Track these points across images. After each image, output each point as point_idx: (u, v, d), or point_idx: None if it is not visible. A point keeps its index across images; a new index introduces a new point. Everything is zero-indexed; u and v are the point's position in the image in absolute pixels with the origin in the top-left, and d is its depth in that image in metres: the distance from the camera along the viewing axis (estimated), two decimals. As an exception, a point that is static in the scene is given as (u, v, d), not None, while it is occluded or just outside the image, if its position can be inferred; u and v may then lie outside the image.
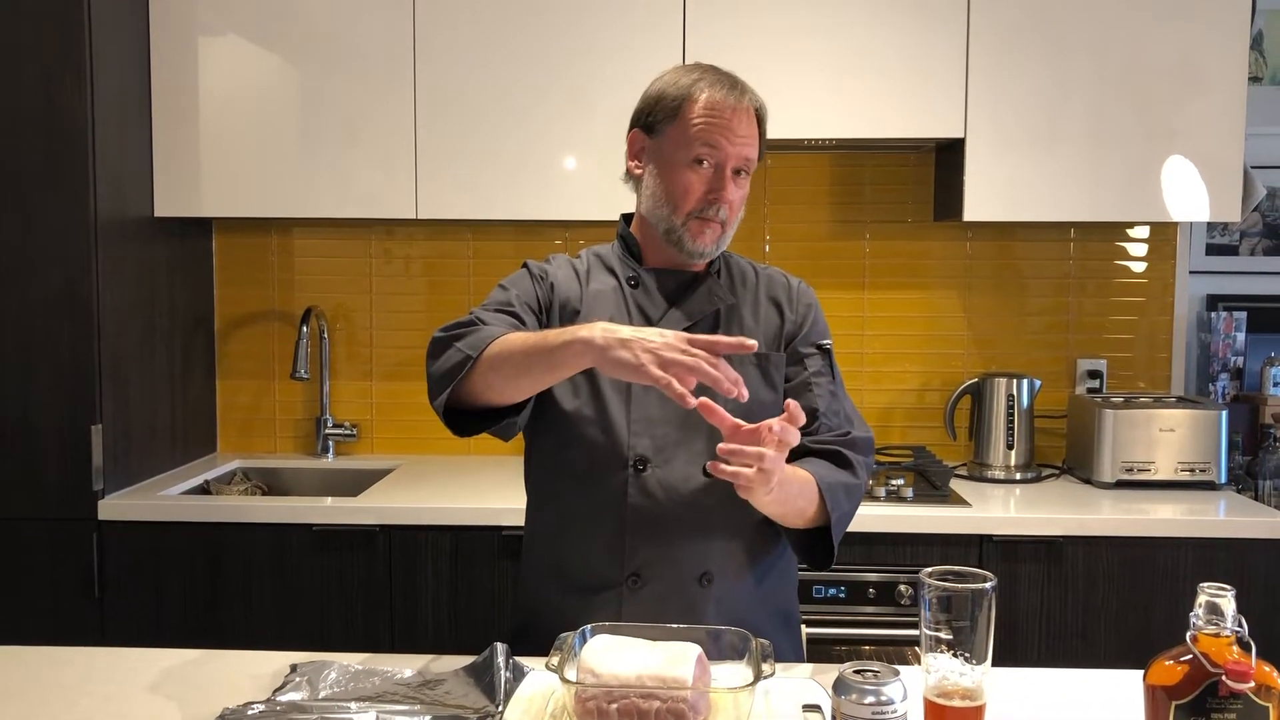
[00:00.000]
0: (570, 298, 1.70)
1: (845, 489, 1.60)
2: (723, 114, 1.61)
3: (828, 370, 1.72)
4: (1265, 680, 1.09)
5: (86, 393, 2.54)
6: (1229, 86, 2.68)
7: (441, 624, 2.56)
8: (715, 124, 1.60)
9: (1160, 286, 3.10)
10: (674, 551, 1.62)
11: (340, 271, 3.18)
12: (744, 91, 1.64)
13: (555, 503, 1.70)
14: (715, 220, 1.63)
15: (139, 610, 2.56)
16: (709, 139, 1.61)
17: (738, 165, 1.62)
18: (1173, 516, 2.55)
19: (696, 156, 1.61)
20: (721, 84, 1.63)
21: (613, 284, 1.71)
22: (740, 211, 1.68)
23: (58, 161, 2.50)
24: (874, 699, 1.10)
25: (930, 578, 1.18)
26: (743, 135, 1.62)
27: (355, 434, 3.15)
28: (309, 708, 1.39)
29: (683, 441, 1.62)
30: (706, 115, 1.61)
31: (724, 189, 1.62)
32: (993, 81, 2.69)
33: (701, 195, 1.62)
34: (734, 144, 1.61)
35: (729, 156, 1.61)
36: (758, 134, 1.65)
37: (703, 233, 1.63)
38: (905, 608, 2.47)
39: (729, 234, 1.67)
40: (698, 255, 1.66)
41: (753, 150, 1.64)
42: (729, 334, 1.67)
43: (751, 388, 1.60)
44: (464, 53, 2.75)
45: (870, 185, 3.10)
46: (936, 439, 3.07)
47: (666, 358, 1.34)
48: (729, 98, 1.61)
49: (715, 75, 1.65)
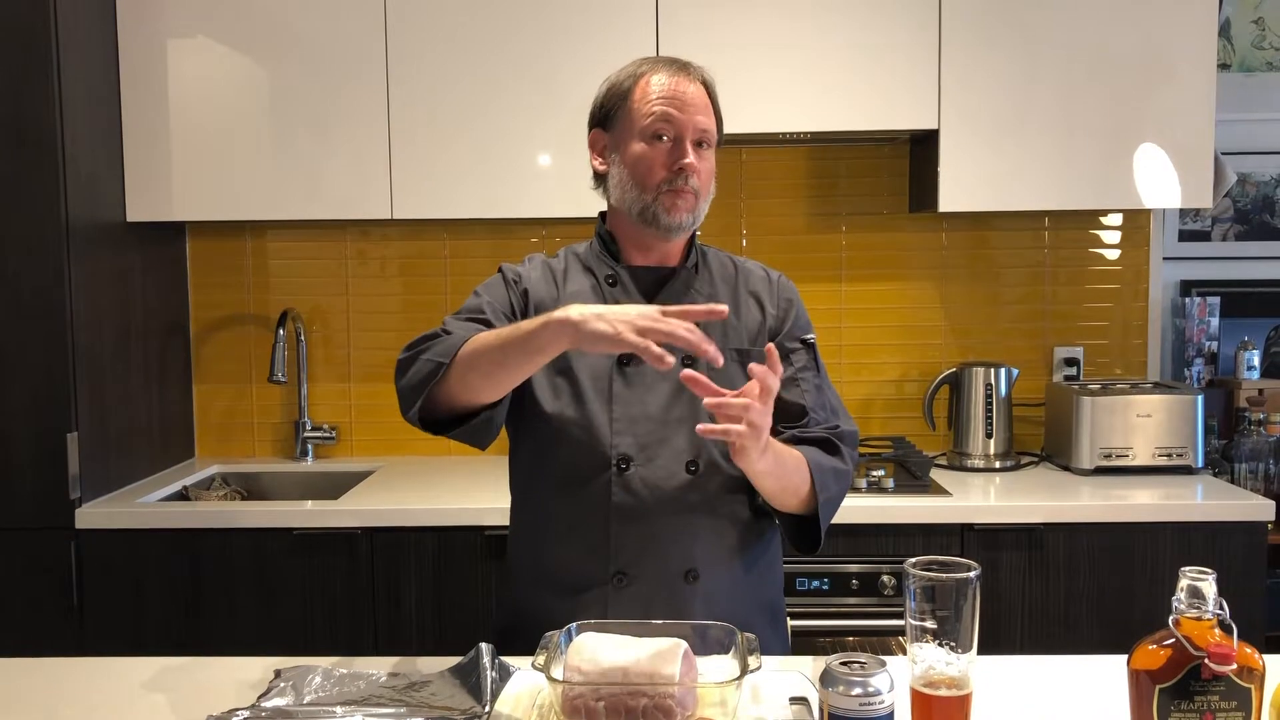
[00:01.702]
0: (545, 300, 1.69)
1: (835, 473, 1.63)
2: (672, 88, 1.64)
3: (813, 365, 1.73)
4: (1247, 662, 1.10)
5: (61, 400, 2.51)
6: (1198, 74, 2.70)
7: (426, 625, 2.55)
8: (666, 98, 1.63)
9: (1134, 273, 3.12)
10: (659, 549, 1.62)
11: (315, 273, 3.16)
12: (691, 69, 1.67)
13: (539, 503, 1.70)
14: (686, 190, 1.63)
15: (119, 619, 2.54)
16: (662, 114, 1.63)
17: (696, 136, 1.64)
18: (1151, 501, 2.56)
19: (654, 132, 1.63)
20: (667, 64, 1.67)
21: (590, 283, 1.71)
22: (710, 184, 1.68)
23: (27, 168, 2.48)
24: (861, 690, 1.10)
25: (915, 568, 1.18)
26: (695, 105, 1.64)
27: (334, 437, 3.13)
28: (294, 713, 1.38)
29: (665, 439, 1.62)
30: (656, 92, 1.64)
31: (685, 154, 1.62)
32: (965, 73, 2.70)
33: (665, 167, 1.63)
34: (687, 113, 1.63)
35: (685, 127, 1.63)
36: (711, 105, 1.67)
37: (675, 204, 1.63)
38: (888, 598, 2.48)
39: (703, 206, 1.67)
40: (675, 228, 1.65)
41: (708, 120, 1.65)
42: (709, 330, 1.66)
43: (733, 383, 1.61)
44: (436, 52, 2.73)
45: (845, 178, 3.11)
46: (916, 429, 3.08)
47: (642, 325, 1.35)
48: (675, 74, 1.65)
49: (661, 59, 1.69)
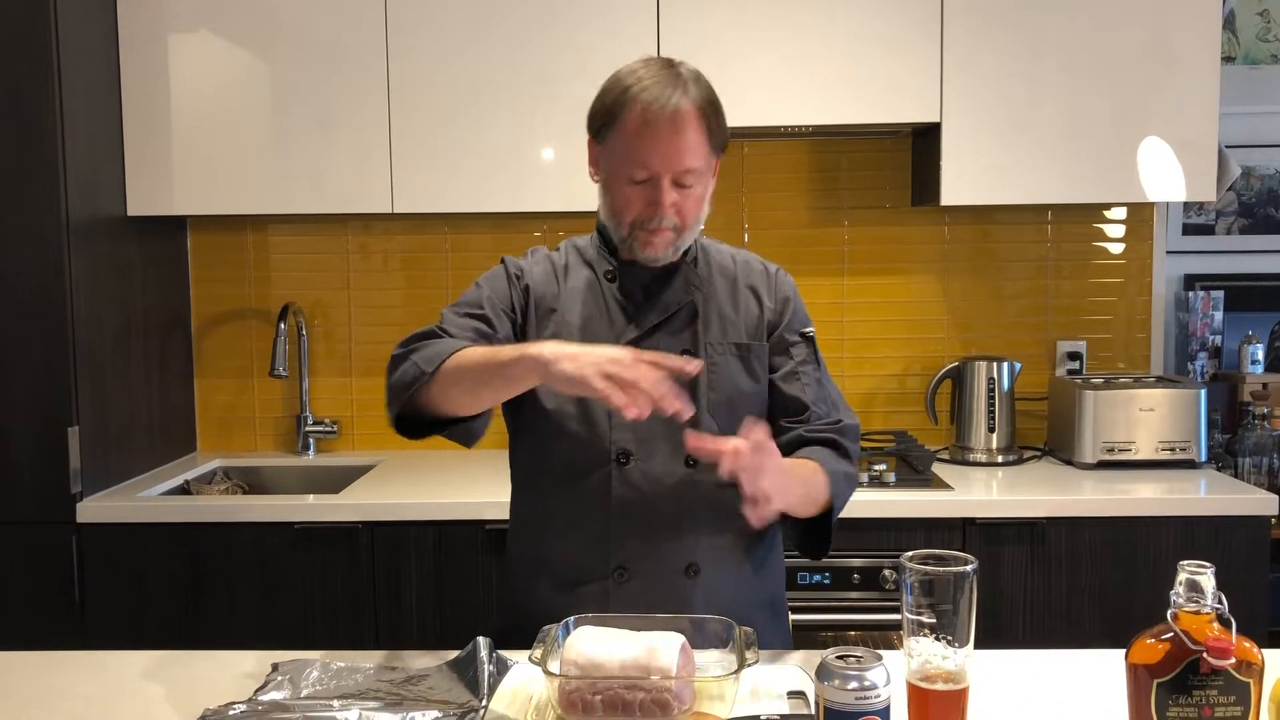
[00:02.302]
0: (546, 295, 1.69)
1: (846, 478, 1.64)
2: (655, 126, 1.54)
3: (812, 358, 1.72)
4: (1246, 656, 1.10)
5: (62, 394, 2.51)
6: (1202, 67, 2.69)
7: (426, 619, 2.55)
8: (647, 138, 1.55)
9: (1138, 267, 3.11)
10: (659, 544, 1.61)
11: (317, 268, 3.15)
12: (683, 91, 1.56)
13: (540, 498, 1.70)
14: (662, 229, 1.60)
15: (120, 613, 2.54)
16: (641, 157, 1.56)
17: (675, 177, 1.57)
18: (1154, 496, 2.56)
19: (630, 175, 1.58)
20: (657, 87, 1.56)
21: (590, 277, 1.70)
22: (699, 211, 1.63)
23: (27, 163, 2.47)
24: (857, 684, 1.10)
25: (911, 561, 1.18)
26: (677, 146, 1.55)
27: (336, 431, 3.13)
28: (291, 706, 1.38)
29: (665, 434, 1.60)
30: (638, 129, 1.55)
31: (661, 202, 1.57)
32: (968, 66, 2.69)
33: (640, 209, 1.59)
34: (666, 158, 1.55)
35: (663, 171, 1.56)
36: (702, 133, 1.57)
37: (651, 242, 1.61)
38: (890, 592, 2.47)
39: (689, 235, 1.64)
40: (653, 262, 1.64)
41: (692, 158, 1.57)
42: (707, 325, 1.68)
43: (732, 378, 1.64)
44: (437, 45, 2.73)
45: (847, 171, 3.10)
46: (918, 423, 3.07)
47: (609, 370, 1.35)
48: (662, 105, 1.54)
49: (652, 78, 1.57)
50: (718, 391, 1.64)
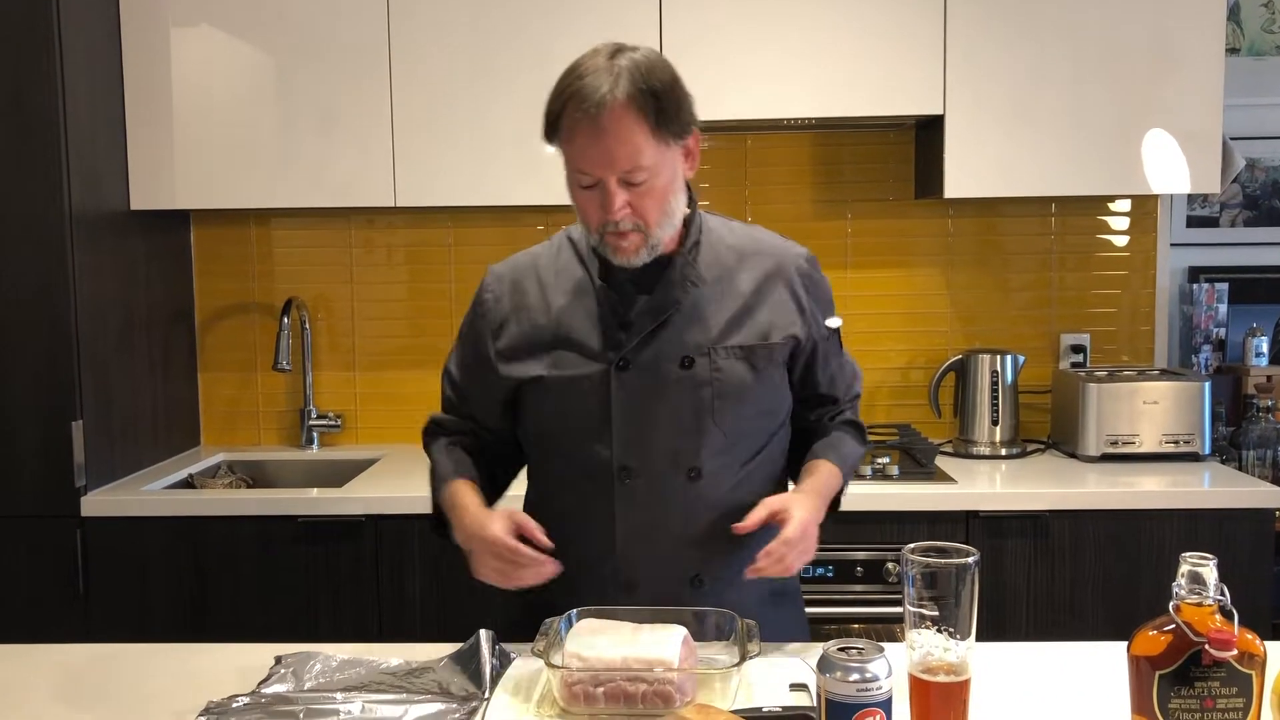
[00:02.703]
0: (521, 307, 1.64)
1: (858, 459, 1.74)
2: (587, 128, 1.47)
3: (838, 348, 1.74)
4: (1248, 648, 1.10)
5: (66, 389, 2.52)
6: (1207, 58, 2.68)
7: (430, 613, 2.55)
8: (580, 141, 1.48)
9: (1142, 259, 3.10)
10: (664, 558, 1.59)
11: (320, 261, 3.16)
12: (613, 84, 1.46)
13: (549, 507, 1.66)
14: (626, 232, 1.52)
15: (125, 606, 2.55)
16: (579, 161, 1.50)
17: (621, 177, 1.49)
18: (1157, 488, 2.55)
19: (578, 181, 1.52)
20: (589, 83, 1.47)
21: (582, 277, 1.62)
22: (663, 206, 1.52)
23: (29, 157, 2.47)
24: (859, 676, 1.10)
25: (913, 553, 1.18)
26: (609, 147, 1.47)
27: (339, 424, 3.13)
28: (294, 699, 1.38)
29: (665, 446, 1.57)
30: (572, 132, 1.49)
31: (609, 205, 1.49)
32: (971, 57, 2.68)
33: (596, 214, 1.52)
34: (601, 160, 1.48)
35: (604, 174, 1.49)
36: (640, 126, 1.47)
37: (620, 246, 1.53)
38: (893, 585, 2.47)
39: (659, 231, 1.53)
40: (629, 265, 1.55)
41: (630, 155, 1.47)
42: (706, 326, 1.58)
43: (737, 378, 1.59)
44: (439, 39, 2.72)
45: (850, 164, 3.09)
46: (921, 417, 3.07)
47: (485, 574, 1.55)
48: (591, 107, 1.46)
49: (590, 72, 1.48)
50: (722, 398, 1.57)
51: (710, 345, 1.58)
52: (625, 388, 1.56)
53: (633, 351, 1.57)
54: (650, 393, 1.57)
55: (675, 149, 1.53)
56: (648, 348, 1.57)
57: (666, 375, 1.56)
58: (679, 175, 1.56)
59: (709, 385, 1.56)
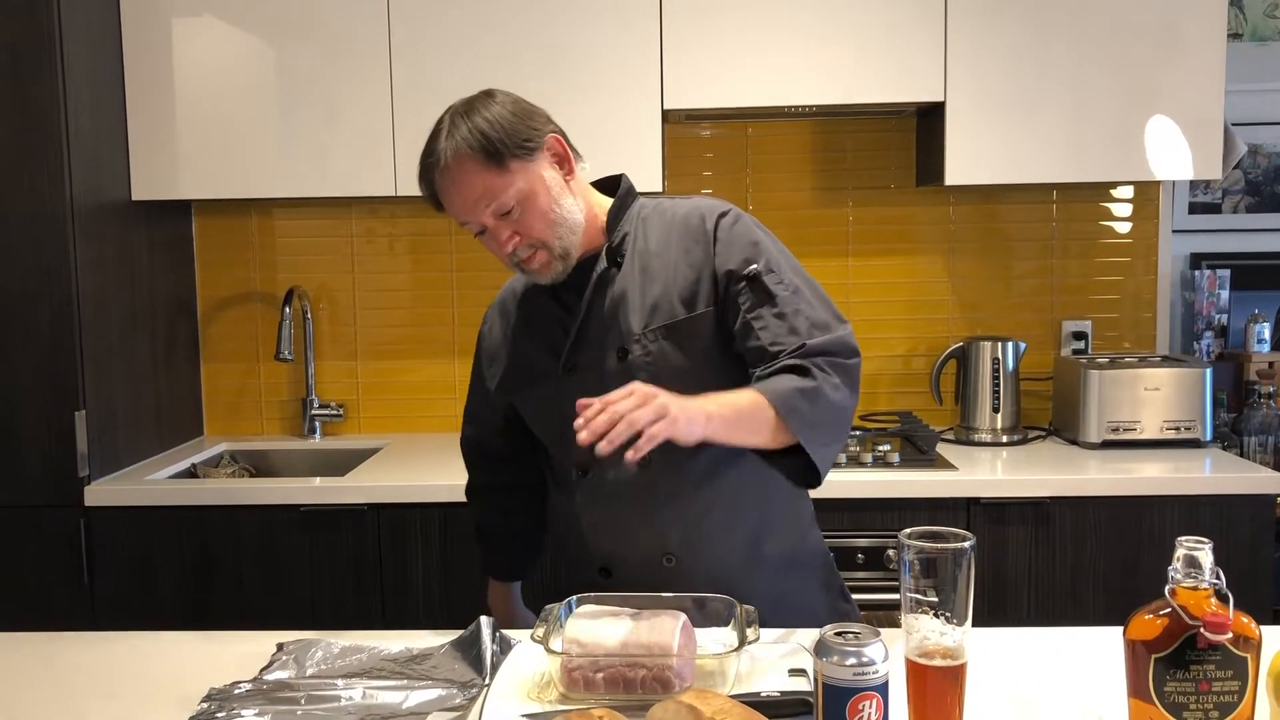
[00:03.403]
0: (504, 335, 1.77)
1: (800, 394, 1.49)
2: (445, 192, 1.58)
3: (764, 297, 1.59)
4: (1243, 631, 1.10)
5: (69, 379, 2.52)
6: (1209, 44, 2.67)
7: (432, 601, 2.56)
8: (448, 199, 1.59)
9: (1144, 246, 3.10)
10: (632, 542, 1.66)
11: (322, 251, 3.16)
12: (452, 138, 1.56)
13: (551, 501, 1.82)
14: (528, 257, 1.60)
15: (129, 595, 2.56)
16: (458, 218, 1.60)
17: (492, 213, 1.57)
18: (1159, 475, 2.55)
19: (470, 232, 1.62)
20: (434, 148, 1.57)
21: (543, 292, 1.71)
22: (549, 217, 1.58)
23: (31, 148, 2.48)
24: (855, 660, 1.10)
25: (909, 539, 1.18)
26: (462, 198, 1.57)
27: (342, 414, 3.14)
28: (296, 685, 1.39)
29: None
30: (440, 193, 1.59)
31: (499, 240, 1.59)
32: (972, 43, 2.67)
33: (498, 252, 1.62)
34: (463, 211, 1.58)
35: (477, 219, 1.58)
36: (481, 166, 1.54)
37: (533, 269, 1.62)
38: (894, 572, 2.48)
39: (560, 242, 1.60)
40: (554, 280, 1.64)
41: (484, 195, 1.55)
42: (630, 313, 1.63)
43: (665, 361, 1.61)
44: (439, 28, 2.72)
45: (852, 152, 3.09)
46: (923, 404, 3.07)
47: None
48: (439, 168, 1.57)
49: (434, 138, 1.59)
50: (657, 381, 1.52)
51: (640, 331, 1.62)
52: (572, 390, 1.56)
53: (574, 354, 1.65)
54: (595, 389, 1.55)
55: (533, 164, 1.58)
56: (586, 348, 1.65)
57: (607, 370, 1.63)
58: (552, 184, 1.60)
59: (643, 371, 1.59)
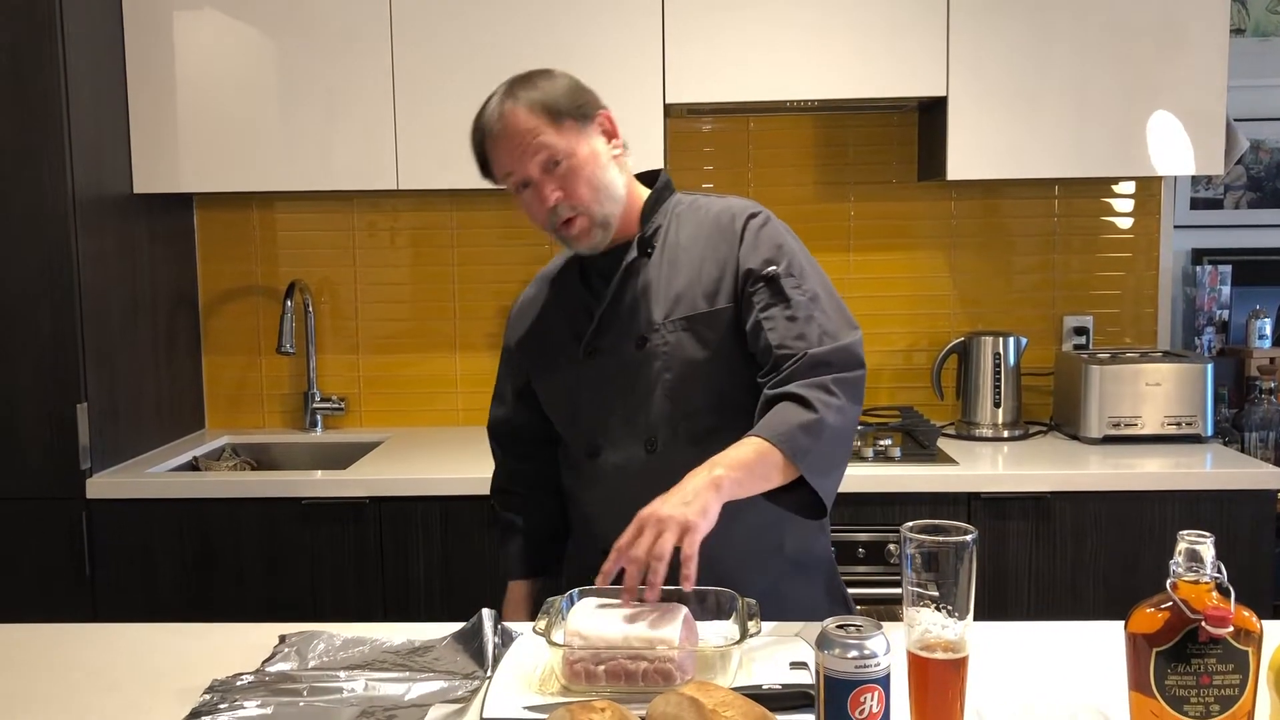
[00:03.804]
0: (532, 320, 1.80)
1: (803, 430, 1.48)
2: (497, 139, 1.62)
3: (777, 297, 1.60)
4: (1244, 625, 1.10)
5: (71, 372, 2.53)
6: (1211, 39, 2.67)
7: (433, 594, 2.56)
8: (498, 151, 1.63)
9: (1145, 242, 3.10)
10: None
11: (323, 245, 3.16)
12: (510, 98, 1.62)
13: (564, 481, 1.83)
14: (570, 220, 1.62)
15: (131, 588, 2.56)
16: (503, 168, 1.64)
17: (541, 165, 1.60)
18: (1160, 470, 2.56)
19: (513, 187, 1.65)
20: (490, 106, 1.64)
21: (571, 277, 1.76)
22: (594, 183, 1.61)
23: (33, 140, 2.48)
24: (857, 653, 1.10)
25: (911, 532, 1.18)
26: (515, 140, 1.60)
27: (343, 407, 3.14)
28: (298, 677, 1.39)
29: (626, 421, 1.66)
30: (491, 149, 1.64)
31: (542, 197, 1.61)
32: (974, 38, 2.67)
33: (539, 214, 1.64)
34: (514, 155, 1.61)
35: (525, 171, 1.61)
36: (537, 115, 1.60)
37: (570, 234, 1.64)
38: (894, 566, 2.48)
39: (601, 211, 1.62)
40: (590, 250, 1.67)
41: (540, 146, 1.60)
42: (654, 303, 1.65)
43: (683, 353, 1.64)
44: (442, 22, 2.72)
45: (853, 146, 3.09)
46: (924, 399, 3.07)
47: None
48: (494, 118, 1.62)
49: (489, 101, 1.65)
50: (671, 371, 1.63)
51: (661, 322, 1.65)
52: (591, 374, 1.68)
53: (595, 339, 1.68)
54: (612, 375, 1.68)
55: (586, 133, 1.64)
56: (608, 334, 1.68)
57: (625, 357, 1.66)
58: (602, 153, 1.65)
59: (659, 359, 1.64)
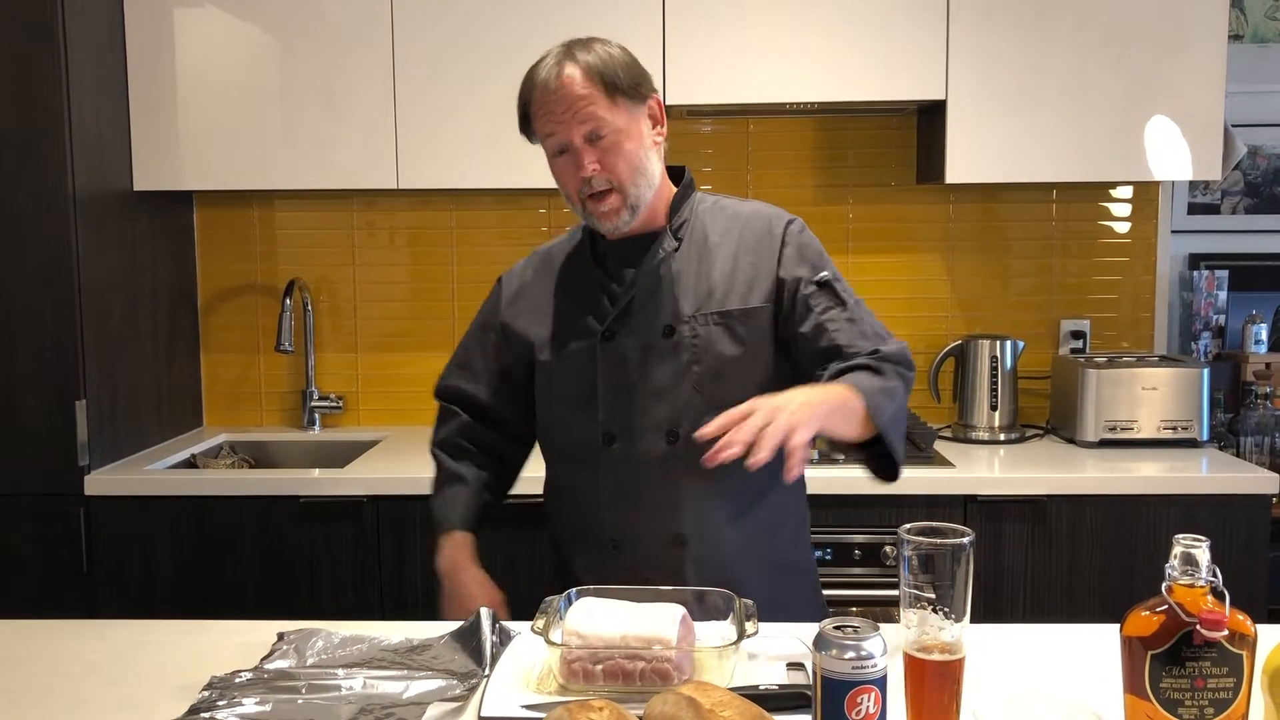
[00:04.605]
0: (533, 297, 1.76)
1: (885, 392, 1.52)
2: (547, 98, 1.59)
3: (836, 301, 1.65)
4: (1239, 628, 1.11)
5: (70, 368, 2.53)
6: (1210, 45, 2.68)
7: (431, 593, 2.54)
8: (545, 111, 1.60)
9: (1143, 246, 3.10)
10: (646, 518, 1.66)
11: (323, 243, 3.16)
12: (571, 58, 1.60)
13: (552, 471, 1.80)
14: (603, 195, 1.60)
15: (128, 585, 2.56)
16: (546, 127, 1.61)
17: (584, 135, 1.59)
18: (1155, 474, 2.56)
19: (549, 148, 1.63)
20: (550, 60, 1.61)
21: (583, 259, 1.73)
22: (634, 164, 1.61)
23: (34, 137, 2.48)
24: (854, 654, 1.11)
25: (909, 534, 1.19)
26: (568, 104, 1.58)
27: (341, 406, 3.15)
28: (297, 674, 1.39)
29: (646, 411, 1.64)
30: (537, 104, 1.61)
31: (581, 163, 1.59)
32: (974, 42, 2.68)
33: (571, 179, 1.62)
34: (563, 118, 1.58)
35: (569, 134, 1.59)
36: (595, 85, 1.58)
37: (599, 210, 1.62)
38: (891, 568, 2.49)
39: (635, 192, 1.62)
40: (613, 230, 1.65)
41: (589, 110, 1.58)
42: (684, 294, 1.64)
43: (715, 347, 1.63)
44: (442, 21, 2.72)
45: (853, 149, 3.09)
46: (921, 401, 3.07)
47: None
48: (550, 76, 1.59)
49: (545, 58, 1.62)
50: (701, 364, 1.63)
51: (691, 314, 1.64)
52: (610, 358, 1.65)
53: (616, 323, 1.65)
54: (634, 361, 1.65)
55: (636, 113, 1.62)
56: (632, 319, 1.65)
57: (650, 344, 1.64)
58: (646, 136, 1.64)
59: (688, 352, 1.63)
